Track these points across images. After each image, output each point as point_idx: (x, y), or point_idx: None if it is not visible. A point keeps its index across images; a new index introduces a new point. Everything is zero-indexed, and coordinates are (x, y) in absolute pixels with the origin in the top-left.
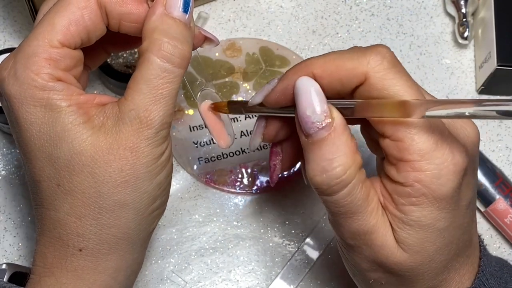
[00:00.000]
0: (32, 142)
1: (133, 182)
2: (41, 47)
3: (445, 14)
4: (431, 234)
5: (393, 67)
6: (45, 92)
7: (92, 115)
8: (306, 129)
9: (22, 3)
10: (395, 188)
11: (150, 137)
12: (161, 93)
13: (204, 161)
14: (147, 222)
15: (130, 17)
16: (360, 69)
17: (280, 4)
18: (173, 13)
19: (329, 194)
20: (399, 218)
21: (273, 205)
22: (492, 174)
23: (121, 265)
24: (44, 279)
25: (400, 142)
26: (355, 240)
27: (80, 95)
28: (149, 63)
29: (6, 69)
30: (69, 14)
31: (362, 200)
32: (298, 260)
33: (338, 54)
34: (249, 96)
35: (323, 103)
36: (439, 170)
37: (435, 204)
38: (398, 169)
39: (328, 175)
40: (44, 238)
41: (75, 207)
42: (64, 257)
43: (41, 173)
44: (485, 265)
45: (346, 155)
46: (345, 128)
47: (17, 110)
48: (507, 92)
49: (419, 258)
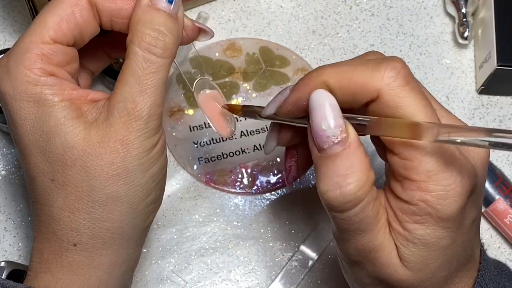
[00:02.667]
0: (26, 137)
1: (124, 175)
2: (33, 43)
3: (445, 14)
4: (434, 252)
5: (407, 84)
6: (38, 87)
7: (85, 111)
8: (320, 143)
9: (22, 3)
10: (399, 205)
11: (140, 128)
12: (147, 83)
13: (204, 161)
14: (141, 216)
15: (121, 13)
16: (373, 84)
17: (280, 4)
18: (157, 4)
19: (341, 211)
20: (403, 236)
21: (273, 205)
22: (492, 174)
23: (116, 260)
24: (41, 275)
25: (408, 161)
26: (359, 256)
27: (74, 90)
28: (133, 54)
29: (0, 67)
30: (60, 11)
31: (372, 218)
32: (298, 260)
33: (351, 65)
34: (249, 96)
35: (339, 118)
36: (446, 191)
37: (439, 224)
38: (404, 186)
39: (342, 191)
40: (40, 235)
41: (68, 202)
42: (59, 252)
43: (36, 168)
44: (484, 269)
45: (360, 171)
46: (359, 144)
47: (11, 106)
48: (507, 92)
49: (421, 275)
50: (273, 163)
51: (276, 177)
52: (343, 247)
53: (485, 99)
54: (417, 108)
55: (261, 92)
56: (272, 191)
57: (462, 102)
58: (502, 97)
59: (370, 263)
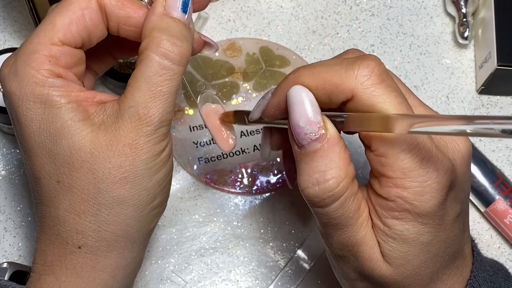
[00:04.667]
0: (32, 138)
1: (132, 179)
2: (41, 44)
3: (445, 14)
4: (415, 248)
5: (381, 81)
6: (45, 88)
7: (91, 113)
8: (299, 139)
9: (22, 3)
10: (378, 201)
11: (149, 133)
12: (160, 90)
13: (204, 161)
14: (146, 220)
15: (128, 20)
16: (347, 84)
17: (280, 4)
18: (172, 13)
19: (321, 206)
20: (383, 231)
21: (273, 205)
22: (492, 174)
23: (120, 264)
24: (44, 277)
25: (384, 158)
26: (343, 251)
27: (81, 92)
28: (148, 60)
29: (8, 66)
30: (70, 13)
31: (353, 213)
32: (298, 261)
33: (325, 66)
34: (249, 96)
35: (317, 114)
36: (422, 187)
37: (418, 219)
38: (381, 183)
39: (320, 187)
40: (44, 236)
41: (74, 204)
42: (63, 254)
43: (42, 170)
44: (477, 270)
45: (339, 167)
46: (339, 139)
47: (17, 106)
48: (507, 92)
49: (403, 272)
50: (273, 163)
51: (276, 177)
52: (327, 241)
53: (485, 99)
54: (392, 105)
55: (261, 92)
56: (272, 191)
57: (462, 102)
58: (502, 97)
59: (353, 257)
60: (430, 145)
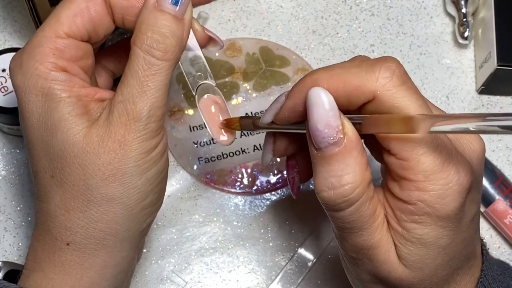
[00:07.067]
0: (32, 131)
1: (120, 176)
2: (46, 37)
3: (445, 14)
4: (433, 251)
5: (403, 83)
6: (47, 81)
7: (91, 109)
8: (317, 142)
9: (22, 3)
10: (397, 204)
11: (138, 130)
12: (147, 84)
13: (204, 161)
14: (137, 219)
15: (132, 11)
16: (369, 86)
17: (280, 4)
18: (162, 5)
19: (335, 210)
20: (401, 234)
21: (273, 205)
22: (492, 174)
23: (108, 262)
24: (33, 274)
25: (406, 161)
26: (357, 253)
27: (82, 88)
28: (134, 56)
29: (15, 60)
30: (74, 6)
31: (368, 217)
32: (298, 261)
33: (344, 68)
34: (249, 96)
35: (336, 118)
36: (444, 190)
37: (438, 223)
38: (401, 186)
39: (335, 192)
40: (37, 232)
41: (64, 200)
42: (52, 251)
43: (38, 164)
44: (487, 269)
45: (355, 172)
46: (357, 144)
47: (21, 99)
48: (507, 92)
49: (420, 274)
50: (273, 163)
51: (276, 177)
52: (342, 244)
53: (485, 99)
54: (413, 107)
55: (261, 92)
56: (272, 191)
57: (462, 102)
58: (502, 97)
59: (369, 260)
60: (450, 147)
